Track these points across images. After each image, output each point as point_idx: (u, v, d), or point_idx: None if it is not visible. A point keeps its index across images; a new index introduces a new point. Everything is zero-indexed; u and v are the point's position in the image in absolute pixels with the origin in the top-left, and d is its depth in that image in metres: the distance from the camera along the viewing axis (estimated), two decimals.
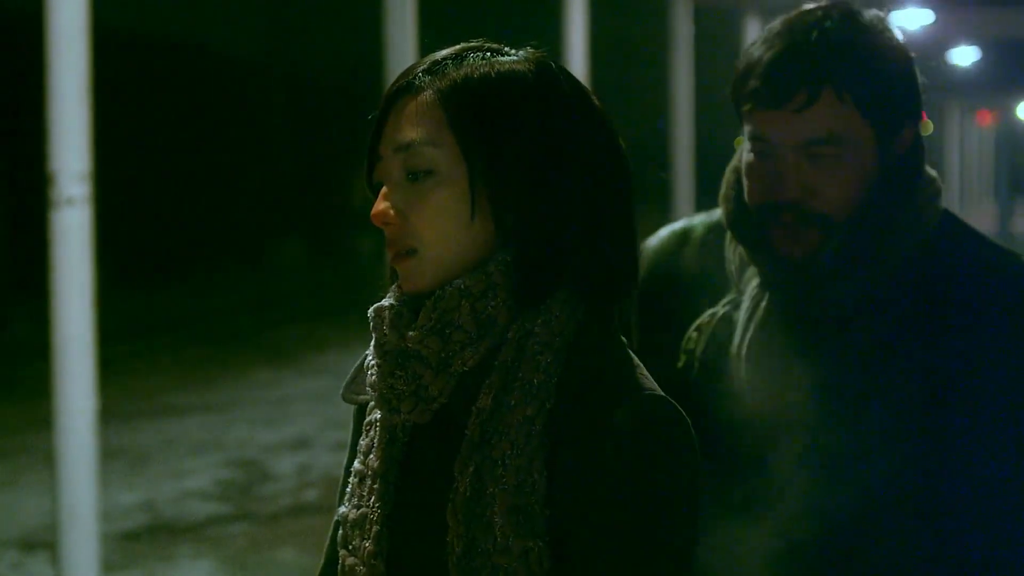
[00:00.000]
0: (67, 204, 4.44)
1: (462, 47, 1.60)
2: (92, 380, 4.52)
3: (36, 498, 8.06)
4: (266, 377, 13.17)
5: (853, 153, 1.89)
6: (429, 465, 1.56)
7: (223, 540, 7.41)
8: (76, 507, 4.51)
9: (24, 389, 11.89)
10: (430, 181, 1.55)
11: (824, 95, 1.87)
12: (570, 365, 1.51)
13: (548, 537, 1.47)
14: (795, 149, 1.88)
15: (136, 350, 14.45)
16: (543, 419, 1.49)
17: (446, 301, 1.53)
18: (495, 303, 1.53)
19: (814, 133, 1.88)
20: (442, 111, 1.55)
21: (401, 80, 1.58)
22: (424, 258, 1.55)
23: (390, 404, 1.56)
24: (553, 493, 1.47)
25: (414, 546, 1.55)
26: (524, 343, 1.52)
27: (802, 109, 1.87)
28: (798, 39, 1.89)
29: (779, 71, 1.88)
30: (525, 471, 1.48)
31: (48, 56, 4.43)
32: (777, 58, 1.89)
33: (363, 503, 1.60)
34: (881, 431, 1.86)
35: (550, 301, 1.54)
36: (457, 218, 1.54)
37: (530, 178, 1.54)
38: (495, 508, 1.48)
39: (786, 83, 1.87)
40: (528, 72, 1.57)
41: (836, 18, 1.91)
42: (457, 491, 1.50)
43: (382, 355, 1.57)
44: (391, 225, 1.56)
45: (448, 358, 1.53)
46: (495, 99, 1.55)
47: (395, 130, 1.57)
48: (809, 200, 1.89)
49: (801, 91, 1.87)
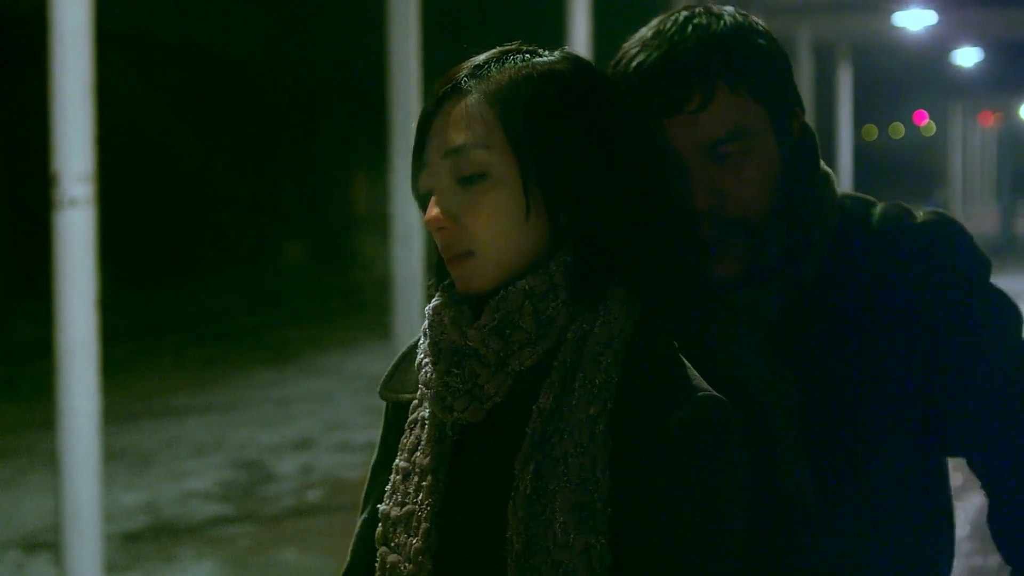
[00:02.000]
0: (70, 205, 4.45)
1: (499, 50, 1.62)
2: (94, 381, 4.53)
3: (38, 499, 8.06)
4: (268, 378, 13.18)
5: (757, 146, 1.79)
6: (482, 463, 1.57)
7: (225, 541, 7.41)
8: (78, 508, 4.51)
9: (26, 390, 11.90)
10: (483, 184, 1.56)
11: (719, 91, 1.77)
12: (629, 365, 1.53)
13: (609, 535, 1.48)
14: (700, 153, 1.76)
15: (138, 351, 14.46)
16: (605, 418, 1.51)
17: (509, 301, 1.55)
18: (555, 304, 1.55)
19: (717, 132, 1.77)
20: (491, 113, 1.56)
21: (445, 85, 1.59)
22: (482, 260, 1.56)
23: (444, 402, 1.57)
24: (614, 492, 1.49)
25: (465, 544, 1.56)
26: (583, 343, 1.54)
27: (699, 110, 1.76)
28: (676, 40, 1.79)
29: (668, 76, 1.77)
30: (588, 469, 1.49)
31: (51, 58, 4.44)
32: (661, 63, 1.78)
33: (409, 500, 1.60)
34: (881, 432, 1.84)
35: (608, 301, 1.55)
36: (512, 219, 1.56)
37: (581, 173, 1.56)
38: (556, 505, 1.49)
39: (678, 87, 1.76)
40: (568, 70, 1.59)
41: (704, 13, 1.82)
42: (518, 489, 1.51)
43: (436, 353, 1.58)
44: (445, 230, 1.57)
45: (506, 357, 1.55)
46: (541, 98, 1.56)
47: (442, 135, 1.58)
48: (723, 207, 1.77)
49: (696, 91, 1.76)
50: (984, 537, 6.82)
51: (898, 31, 16.90)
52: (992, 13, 16.77)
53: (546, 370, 1.54)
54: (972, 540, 6.84)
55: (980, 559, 6.59)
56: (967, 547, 6.72)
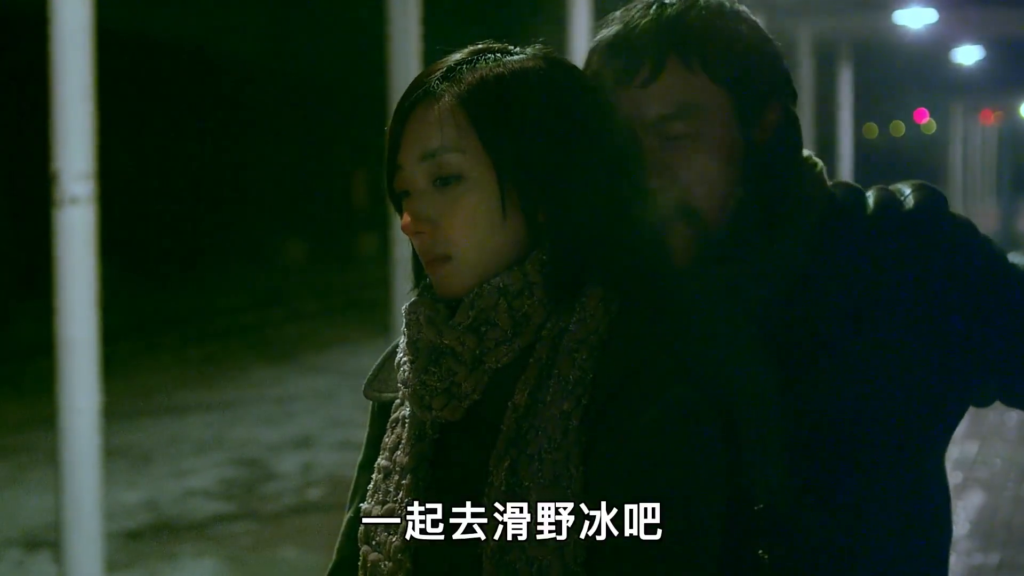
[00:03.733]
0: (71, 203, 4.44)
1: (471, 50, 1.61)
2: (95, 379, 4.53)
3: (39, 497, 8.06)
4: (269, 376, 13.18)
5: (710, 129, 1.72)
6: (460, 461, 1.57)
7: (226, 539, 7.42)
8: (79, 506, 4.51)
9: (27, 387, 11.91)
10: (459, 187, 1.56)
11: (669, 64, 1.71)
12: (605, 361, 1.53)
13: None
14: (647, 130, 1.70)
15: (139, 349, 14.47)
16: (579, 415, 1.51)
17: (484, 299, 1.55)
18: (531, 301, 1.55)
19: (664, 108, 1.70)
20: (464, 116, 1.56)
21: (417, 89, 1.59)
22: (460, 263, 1.56)
23: (422, 400, 1.57)
24: (588, 487, 1.49)
25: (443, 542, 1.56)
26: (559, 340, 1.54)
27: (647, 84, 1.71)
28: (636, 15, 1.76)
29: (620, 48, 1.74)
30: (562, 465, 1.49)
31: (52, 56, 4.44)
32: (615, 36, 1.75)
33: (389, 499, 1.60)
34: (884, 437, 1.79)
35: (584, 298, 1.55)
36: (489, 221, 1.56)
37: (557, 171, 1.56)
38: (530, 502, 1.49)
39: (627, 58, 1.72)
40: (539, 68, 1.59)
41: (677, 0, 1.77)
42: (492, 485, 1.51)
43: (415, 352, 1.59)
44: (423, 234, 1.57)
45: (482, 355, 1.55)
46: (513, 98, 1.56)
47: (417, 139, 1.57)
48: (667, 191, 1.70)
49: (644, 64, 1.71)
50: (984, 536, 6.83)
51: (899, 29, 16.88)
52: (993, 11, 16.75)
53: (523, 368, 1.54)
54: (972, 539, 6.84)
55: (980, 557, 6.59)
56: (967, 546, 6.72)
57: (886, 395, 1.74)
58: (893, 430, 1.75)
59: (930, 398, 1.77)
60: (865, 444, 1.74)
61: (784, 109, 1.80)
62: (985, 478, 8.10)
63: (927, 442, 1.81)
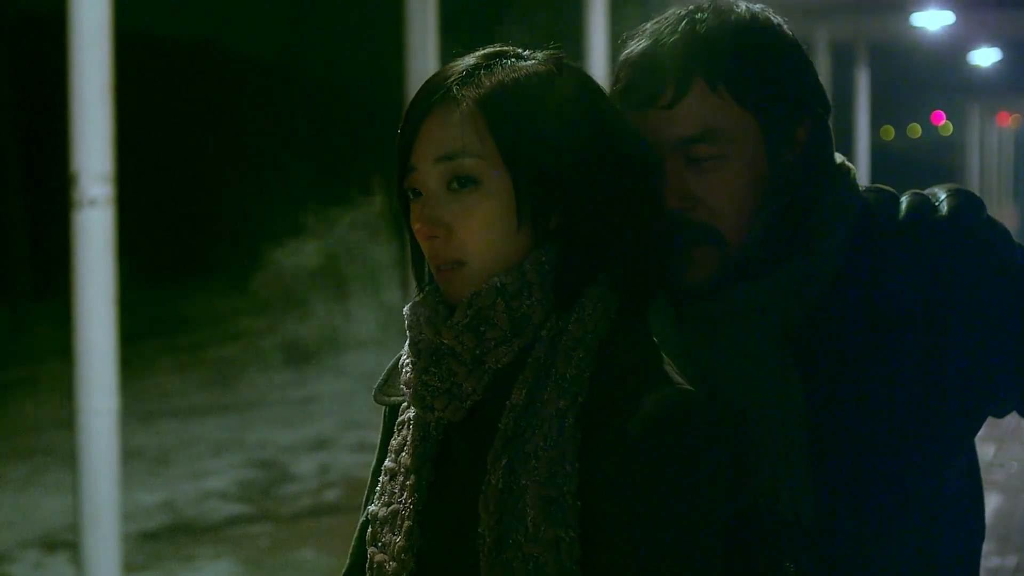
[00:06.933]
0: (89, 205, 4.46)
1: (485, 54, 1.61)
2: (113, 380, 4.54)
3: (57, 498, 8.09)
4: (286, 378, 13.20)
5: (736, 151, 1.69)
6: (462, 462, 1.58)
7: (243, 540, 7.43)
8: (97, 507, 4.53)
9: (45, 389, 11.94)
10: (475, 193, 1.55)
11: (694, 87, 1.68)
12: (602, 361, 1.53)
13: (579, 528, 1.48)
14: (671, 151, 1.68)
15: (157, 350, 14.49)
16: (575, 412, 1.51)
17: (482, 298, 1.55)
18: (530, 301, 1.55)
19: (687, 131, 1.67)
20: (483, 121, 1.55)
21: (434, 91, 1.58)
22: (472, 270, 1.56)
23: (424, 401, 1.57)
24: (584, 485, 1.49)
25: (445, 541, 1.56)
26: (557, 340, 1.54)
27: (672, 105, 1.68)
28: (665, 33, 1.72)
29: (645, 67, 1.71)
30: (558, 463, 1.49)
31: (70, 58, 4.46)
32: (643, 54, 1.72)
33: (394, 500, 1.61)
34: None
35: (584, 299, 1.55)
36: (504, 228, 1.55)
37: (572, 178, 1.55)
38: (527, 499, 1.49)
39: (652, 78, 1.69)
40: (555, 73, 1.59)
41: (708, 10, 1.74)
42: (489, 483, 1.51)
43: (416, 353, 1.59)
44: (436, 239, 1.56)
45: (482, 355, 1.55)
46: (531, 105, 1.56)
47: (433, 141, 1.56)
48: (692, 212, 1.67)
49: (668, 85, 1.68)
50: (1001, 538, 6.82)
51: (916, 31, 16.85)
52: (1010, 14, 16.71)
53: (523, 367, 1.54)
54: (989, 542, 6.82)
55: (997, 560, 6.58)
56: (984, 549, 6.69)
57: (916, 404, 1.72)
58: (922, 438, 1.72)
59: (958, 403, 1.74)
60: (891, 453, 1.71)
61: (814, 121, 1.77)
62: (1002, 481, 8.08)
63: (954, 448, 1.78)
